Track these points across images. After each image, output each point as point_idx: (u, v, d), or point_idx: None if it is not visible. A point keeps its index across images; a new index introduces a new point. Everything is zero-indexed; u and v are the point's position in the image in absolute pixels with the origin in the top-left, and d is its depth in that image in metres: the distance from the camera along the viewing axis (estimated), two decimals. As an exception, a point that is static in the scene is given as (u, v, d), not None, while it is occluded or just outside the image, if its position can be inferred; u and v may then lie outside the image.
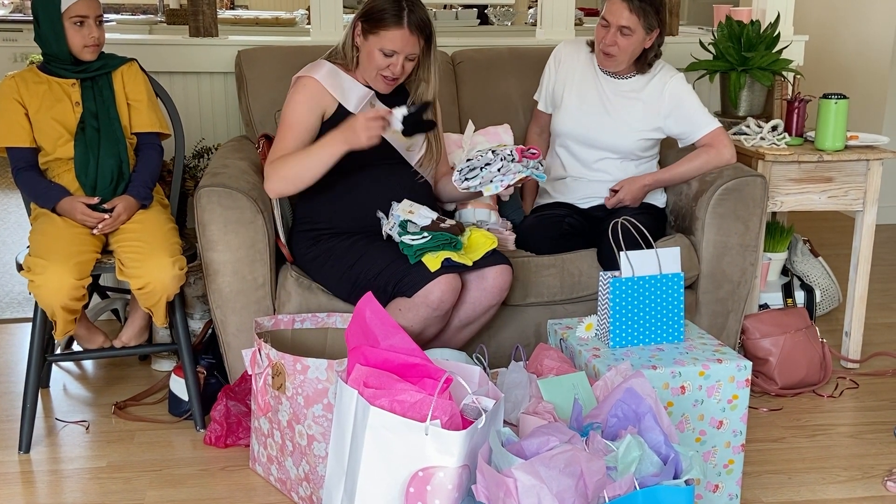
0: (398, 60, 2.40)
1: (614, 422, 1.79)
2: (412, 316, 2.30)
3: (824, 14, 4.99)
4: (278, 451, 2.22)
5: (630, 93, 2.79)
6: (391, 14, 2.37)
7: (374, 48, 2.40)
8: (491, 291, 2.40)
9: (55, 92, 2.52)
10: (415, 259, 2.31)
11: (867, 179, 2.89)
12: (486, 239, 2.41)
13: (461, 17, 5.52)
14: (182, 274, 2.41)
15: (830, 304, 3.39)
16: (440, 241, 2.32)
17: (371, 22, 2.40)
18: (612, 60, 2.74)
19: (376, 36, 2.39)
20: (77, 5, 2.45)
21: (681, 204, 2.81)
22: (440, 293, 2.27)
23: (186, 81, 3.28)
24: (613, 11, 2.67)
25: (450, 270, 2.29)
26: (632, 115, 2.78)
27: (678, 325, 2.26)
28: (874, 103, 4.65)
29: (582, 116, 2.81)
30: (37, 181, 2.52)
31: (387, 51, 2.39)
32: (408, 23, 2.37)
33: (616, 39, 2.69)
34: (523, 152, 2.38)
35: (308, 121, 2.43)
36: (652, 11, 2.66)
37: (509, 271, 2.42)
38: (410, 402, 1.72)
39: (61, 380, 2.88)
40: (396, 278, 2.32)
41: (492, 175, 2.35)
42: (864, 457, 2.47)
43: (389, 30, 2.37)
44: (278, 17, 5.59)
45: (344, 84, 2.48)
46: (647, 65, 2.79)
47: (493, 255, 2.40)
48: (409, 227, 2.35)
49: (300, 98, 2.44)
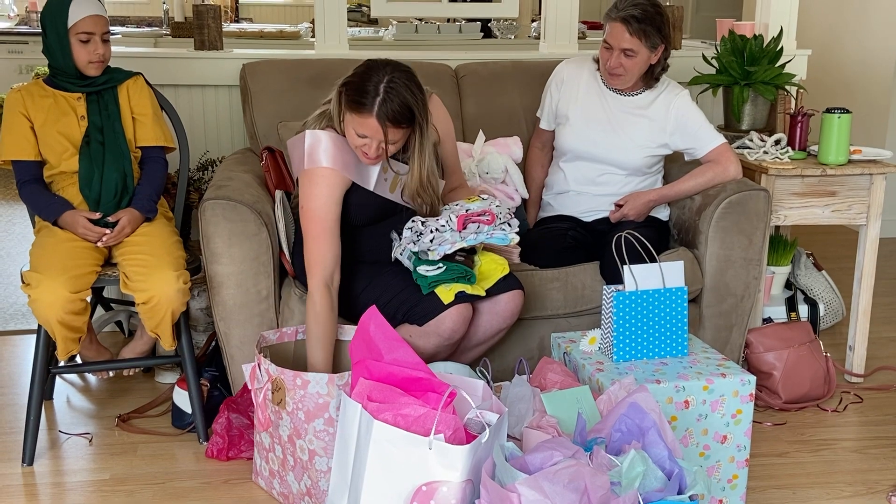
0: (372, 143, 2.22)
1: (618, 436, 1.79)
2: (422, 344, 2.29)
3: (827, 28, 5.00)
4: (280, 466, 2.22)
5: (636, 109, 2.80)
6: (361, 97, 2.17)
7: (349, 125, 2.24)
8: (503, 316, 2.40)
9: (61, 105, 2.53)
10: (428, 290, 2.29)
11: (870, 193, 2.89)
12: (497, 265, 2.39)
13: (465, 30, 5.53)
14: (186, 288, 2.41)
15: (834, 318, 3.38)
16: (455, 275, 2.30)
17: (348, 100, 2.21)
18: (619, 80, 2.75)
19: (350, 116, 2.22)
20: (84, 22, 2.47)
21: (684, 217, 2.81)
22: (452, 323, 2.27)
23: (191, 94, 3.29)
24: (615, 35, 2.68)
25: (462, 300, 2.28)
26: (637, 132, 2.78)
27: (682, 339, 2.26)
28: (877, 117, 4.65)
29: (588, 133, 2.81)
30: (40, 194, 2.53)
31: (359, 133, 2.22)
32: (377, 113, 2.16)
33: (620, 61, 2.70)
34: (468, 219, 2.30)
35: (336, 212, 2.28)
36: (653, 30, 2.66)
37: (521, 296, 2.41)
38: (414, 416, 1.72)
39: (65, 392, 2.88)
40: (407, 306, 2.31)
41: (426, 246, 2.29)
42: (868, 472, 2.46)
43: (361, 115, 2.18)
44: (283, 30, 5.61)
45: (353, 157, 2.31)
46: (654, 79, 2.79)
47: (506, 279, 2.38)
48: (422, 255, 2.32)
49: (325, 192, 2.27)
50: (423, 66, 3.05)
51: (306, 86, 2.93)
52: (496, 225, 2.32)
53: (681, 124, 2.76)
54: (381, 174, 2.34)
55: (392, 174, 2.36)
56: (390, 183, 2.37)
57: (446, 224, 2.31)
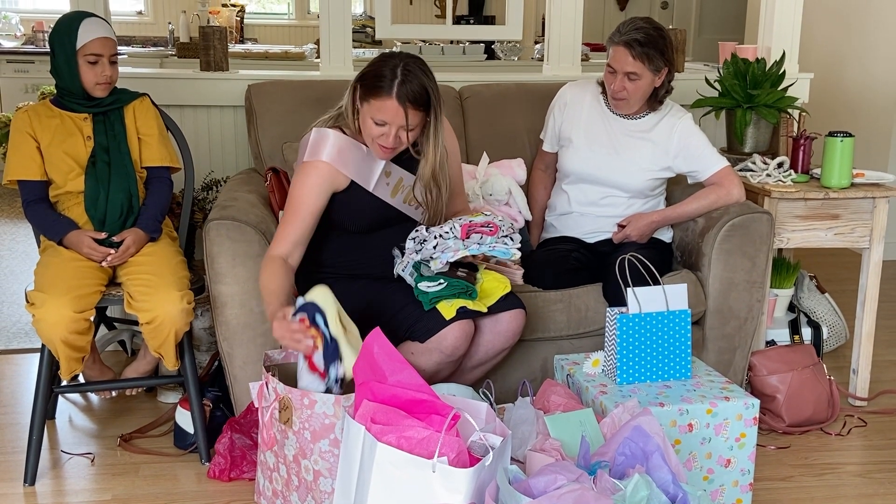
0: (391, 131, 2.25)
1: (622, 460, 1.79)
2: (424, 360, 2.29)
3: (830, 52, 5.03)
4: (284, 486, 2.21)
5: (639, 133, 2.81)
6: (382, 82, 2.21)
7: (367, 116, 2.27)
8: (505, 335, 2.40)
9: (67, 126, 2.55)
10: (429, 306, 2.29)
11: (873, 217, 2.90)
12: (499, 283, 2.40)
13: (468, 52, 5.56)
14: (190, 308, 2.41)
15: (837, 341, 3.38)
16: (456, 290, 2.31)
17: (365, 87, 2.26)
18: (624, 104, 2.77)
19: (368, 104, 2.25)
20: (92, 44, 2.49)
21: (687, 240, 2.81)
22: (454, 340, 2.27)
23: (196, 114, 3.31)
24: (618, 59, 2.70)
25: (464, 316, 2.28)
26: (641, 155, 2.79)
27: (685, 362, 2.26)
28: (880, 141, 4.66)
29: (591, 155, 2.82)
30: (46, 214, 2.53)
31: (378, 120, 2.25)
32: (397, 94, 2.20)
33: (624, 85, 2.71)
34: (472, 228, 2.31)
35: (316, 204, 2.32)
36: (656, 54, 2.68)
37: (523, 315, 2.41)
38: (418, 438, 1.71)
39: (67, 411, 2.87)
40: (409, 323, 2.31)
41: (430, 253, 2.30)
42: (872, 497, 2.45)
43: (380, 99, 2.22)
44: (288, 51, 5.65)
45: (356, 156, 2.35)
46: (658, 102, 2.81)
47: (507, 298, 2.38)
48: (423, 270, 2.33)
49: (313, 182, 2.31)
50: (428, 87, 3.06)
51: (311, 107, 2.94)
52: (499, 237, 2.32)
53: (684, 147, 2.77)
54: (382, 177, 2.35)
55: (395, 178, 2.38)
56: (392, 188, 2.39)
57: (450, 231, 2.32)
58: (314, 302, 2.09)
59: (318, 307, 2.08)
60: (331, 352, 2.05)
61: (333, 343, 2.05)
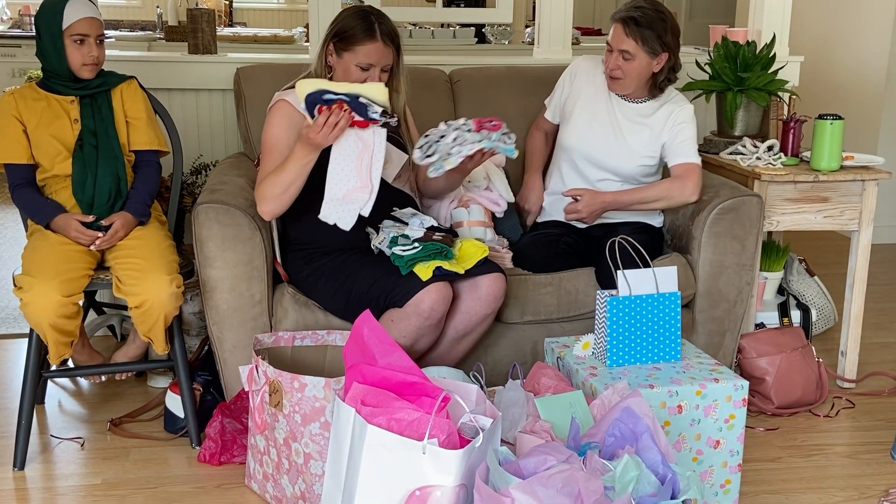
0: (374, 73, 2.45)
1: (611, 441, 1.79)
2: (404, 326, 2.30)
3: (819, 35, 5.03)
4: (274, 469, 2.22)
5: (639, 118, 2.80)
6: (362, 29, 2.44)
7: (349, 64, 2.45)
8: (485, 300, 2.40)
9: (54, 109, 2.53)
10: (406, 270, 2.31)
11: (863, 199, 2.90)
12: (476, 248, 2.41)
13: (459, 35, 5.54)
14: (179, 292, 2.41)
15: (826, 324, 3.40)
16: (431, 251, 2.33)
17: (345, 40, 2.45)
18: (617, 83, 2.76)
19: (351, 52, 2.44)
20: (79, 24, 2.47)
21: (678, 223, 2.82)
22: (431, 301, 2.27)
23: (185, 98, 3.29)
24: (613, 36, 2.70)
25: (441, 279, 2.30)
26: (638, 140, 2.78)
27: (675, 344, 2.26)
28: (869, 124, 4.67)
29: (590, 133, 2.81)
30: (33, 198, 2.52)
31: (363, 65, 2.44)
32: (380, 34, 2.44)
33: (619, 63, 2.70)
34: (481, 123, 2.39)
35: (287, 139, 2.44)
36: (652, 36, 2.66)
37: (503, 279, 2.42)
38: (408, 420, 1.72)
39: (56, 396, 2.86)
40: (388, 289, 2.33)
41: (448, 147, 2.36)
42: (860, 477, 2.47)
43: (364, 44, 2.43)
44: (277, 34, 5.62)
45: None
46: (659, 89, 2.79)
47: (486, 263, 2.40)
48: (401, 241, 2.36)
49: (275, 121, 2.48)
50: (418, 71, 3.05)
51: (300, 90, 2.93)
52: (502, 132, 2.40)
53: (675, 133, 2.76)
54: None
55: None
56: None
57: (465, 124, 2.39)
58: (308, 94, 2.25)
59: (314, 94, 2.24)
60: (358, 103, 2.25)
61: (352, 97, 2.25)
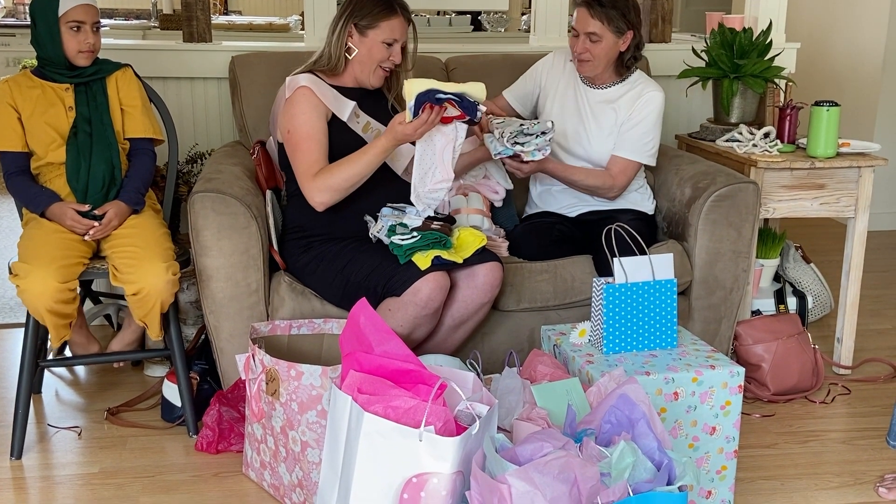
0: (397, 48, 2.52)
1: (608, 428, 1.80)
2: (401, 315, 2.30)
3: (816, 22, 5.02)
4: (271, 457, 2.22)
5: (605, 103, 2.80)
6: (384, 7, 2.49)
7: (375, 42, 2.49)
8: (482, 289, 2.40)
9: (48, 96, 2.52)
10: (405, 259, 2.31)
11: (859, 186, 2.91)
12: (474, 237, 2.42)
13: (455, 23, 5.53)
14: (175, 279, 2.41)
15: (822, 311, 3.40)
16: (429, 241, 2.33)
17: (367, 19, 2.49)
18: (588, 66, 2.75)
19: (376, 30, 2.48)
20: (74, 11, 2.46)
21: (674, 210, 2.82)
22: (429, 291, 2.28)
23: (180, 87, 3.28)
24: (578, 20, 2.70)
25: (439, 268, 2.30)
26: (605, 125, 2.78)
27: (671, 332, 2.27)
28: (865, 110, 4.67)
29: (560, 123, 2.81)
30: (28, 186, 2.51)
31: (389, 41, 2.49)
32: (401, 9, 2.51)
33: (587, 46, 2.70)
34: None
35: (322, 127, 2.46)
36: (617, 15, 2.66)
37: (499, 268, 2.43)
38: (404, 408, 1.72)
39: (53, 385, 2.87)
40: (386, 278, 2.33)
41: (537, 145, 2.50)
42: (855, 463, 2.48)
43: (389, 20, 2.49)
44: (272, 22, 5.60)
45: (329, 94, 2.51)
46: (626, 67, 2.79)
47: (483, 252, 2.41)
48: (399, 230, 2.36)
49: (305, 108, 2.45)
50: (413, 58, 3.04)
51: (296, 78, 2.92)
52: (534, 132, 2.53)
53: (633, 122, 2.75)
54: (353, 116, 2.52)
55: (364, 120, 2.54)
56: (362, 126, 2.54)
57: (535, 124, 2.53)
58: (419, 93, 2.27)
59: (425, 93, 2.27)
60: (467, 102, 2.30)
61: (460, 96, 2.29)
